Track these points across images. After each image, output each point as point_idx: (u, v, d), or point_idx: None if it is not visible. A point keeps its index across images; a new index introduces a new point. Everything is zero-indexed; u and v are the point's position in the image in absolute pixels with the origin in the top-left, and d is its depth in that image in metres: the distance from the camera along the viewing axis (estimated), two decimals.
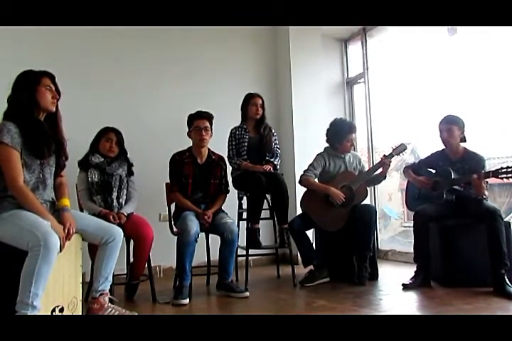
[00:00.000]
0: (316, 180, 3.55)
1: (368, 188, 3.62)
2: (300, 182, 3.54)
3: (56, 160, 2.35)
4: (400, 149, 3.44)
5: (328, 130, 3.61)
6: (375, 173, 3.51)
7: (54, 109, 2.29)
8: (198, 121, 3.26)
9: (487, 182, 3.17)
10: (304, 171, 3.55)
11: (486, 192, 3.11)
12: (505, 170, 2.91)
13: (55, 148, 2.31)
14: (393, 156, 3.46)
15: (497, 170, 2.96)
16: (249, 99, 3.62)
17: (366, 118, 4.87)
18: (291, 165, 4.47)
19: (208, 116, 3.29)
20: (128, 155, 3.19)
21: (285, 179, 3.45)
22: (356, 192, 3.43)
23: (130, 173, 3.16)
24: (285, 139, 4.52)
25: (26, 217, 2.08)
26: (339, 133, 3.52)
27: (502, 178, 2.93)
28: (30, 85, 2.23)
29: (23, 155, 2.18)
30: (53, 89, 2.28)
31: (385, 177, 3.53)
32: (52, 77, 2.30)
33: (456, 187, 3.17)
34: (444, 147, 3.34)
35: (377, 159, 3.58)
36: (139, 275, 3.09)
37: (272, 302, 2.95)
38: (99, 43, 3.98)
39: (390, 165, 3.47)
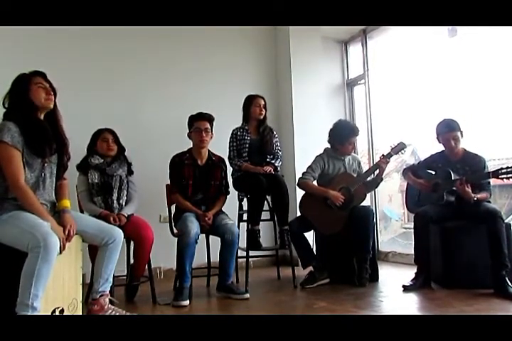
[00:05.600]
0: (315, 182, 3.54)
1: (367, 192, 3.60)
2: (298, 185, 3.53)
3: (58, 159, 2.36)
4: (398, 148, 3.41)
5: (331, 130, 3.60)
6: (372, 176, 3.50)
7: (51, 106, 2.29)
8: (199, 123, 3.26)
9: (489, 182, 3.17)
10: (303, 174, 3.54)
11: (480, 195, 3.08)
12: (504, 170, 2.90)
13: (58, 147, 2.32)
14: (392, 156, 3.43)
15: (496, 170, 2.95)
16: (251, 100, 3.62)
17: (366, 119, 4.86)
18: (291, 167, 4.46)
19: (208, 118, 3.29)
20: (126, 154, 3.17)
21: (285, 180, 3.45)
22: (355, 194, 3.42)
23: (130, 172, 3.15)
24: (285, 141, 4.51)
25: (26, 218, 2.08)
26: (342, 135, 3.51)
27: (502, 179, 2.93)
28: (22, 86, 2.25)
29: (25, 154, 2.18)
30: (46, 86, 2.28)
31: (382, 180, 3.52)
32: (42, 75, 2.30)
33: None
34: (443, 148, 3.34)
35: (377, 160, 3.56)
36: (139, 276, 3.08)
37: (272, 304, 2.94)
38: (98, 44, 3.98)
39: (386, 167, 3.45)
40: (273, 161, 3.56)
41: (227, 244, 3.08)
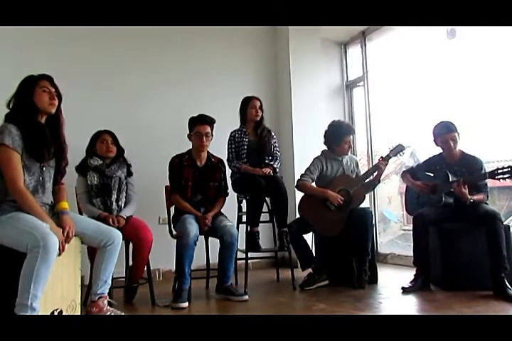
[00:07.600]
0: (314, 184, 3.54)
1: (366, 193, 3.60)
2: (297, 186, 3.53)
3: (56, 164, 2.35)
4: (397, 150, 3.42)
5: (326, 131, 3.61)
6: (371, 177, 3.50)
7: (53, 111, 2.29)
8: (200, 127, 3.23)
9: (486, 184, 3.17)
10: (301, 176, 3.54)
11: (476, 197, 3.08)
12: (501, 170, 2.90)
13: (56, 152, 2.32)
14: (390, 157, 3.43)
15: (493, 171, 2.96)
16: (247, 102, 3.62)
17: (366, 121, 4.87)
18: (290, 169, 4.46)
19: (210, 122, 3.26)
20: (125, 155, 3.17)
21: (284, 182, 3.45)
22: (354, 196, 3.42)
23: (129, 174, 3.15)
24: (284, 142, 4.52)
25: (25, 219, 2.08)
26: (337, 135, 3.52)
27: (499, 179, 2.92)
28: (27, 88, 2.25)
29: (24, 158, 2.18)
30: (52, 90, 2.28)
31: (379, 182, 3.53)
32: (49, 79, 2.30)
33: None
34: (441, 151, 3.34)
35: (376, 162, 3.56)
36: (138, 278, 3.08)
37: (271, 306, 2.93)
38: (99, 45, 3.99)
39: (385, 169, 3.45)
40: (272, 162, 3.55)
41: (226, 245, 3.07)
